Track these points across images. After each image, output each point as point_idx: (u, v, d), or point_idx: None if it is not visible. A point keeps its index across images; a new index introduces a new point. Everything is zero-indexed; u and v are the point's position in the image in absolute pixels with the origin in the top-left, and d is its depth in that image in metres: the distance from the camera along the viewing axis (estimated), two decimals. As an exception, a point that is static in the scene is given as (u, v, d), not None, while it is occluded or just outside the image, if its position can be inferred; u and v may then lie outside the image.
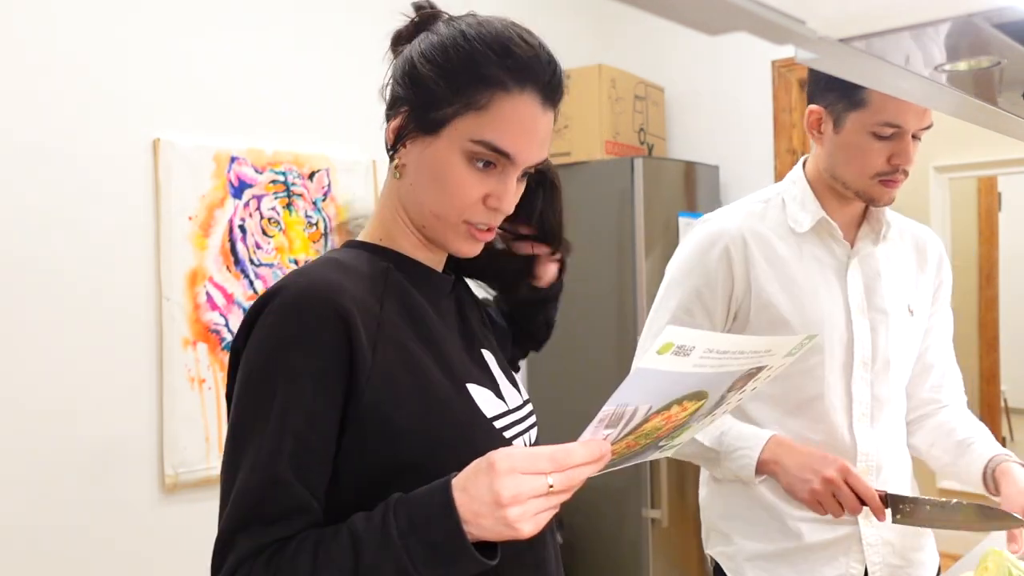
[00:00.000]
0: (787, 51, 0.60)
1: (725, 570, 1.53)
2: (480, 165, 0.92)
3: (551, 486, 0.76)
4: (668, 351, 0.74)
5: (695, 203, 3.26)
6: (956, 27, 0.59)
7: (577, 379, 3.04)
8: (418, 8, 0.99)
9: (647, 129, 3.38)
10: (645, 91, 3.39)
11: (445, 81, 0.91)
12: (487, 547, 0.80)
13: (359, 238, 1.02)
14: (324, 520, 0.87)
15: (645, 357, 0.75)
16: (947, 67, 0.68)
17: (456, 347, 0.99)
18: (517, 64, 0.91)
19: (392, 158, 0.97)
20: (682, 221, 3.15)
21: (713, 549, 1.57)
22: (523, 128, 0.92)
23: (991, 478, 1.44)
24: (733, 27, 0.52)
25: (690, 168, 3.27)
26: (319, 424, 0.86)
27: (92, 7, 2.21)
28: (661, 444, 0.91)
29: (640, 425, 0.82)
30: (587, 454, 0.78)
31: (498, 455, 0.76)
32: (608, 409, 0.77)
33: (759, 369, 0.88)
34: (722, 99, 3.46)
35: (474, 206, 0.93)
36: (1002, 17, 0.58)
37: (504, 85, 0.90)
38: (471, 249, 0.97)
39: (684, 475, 3.06)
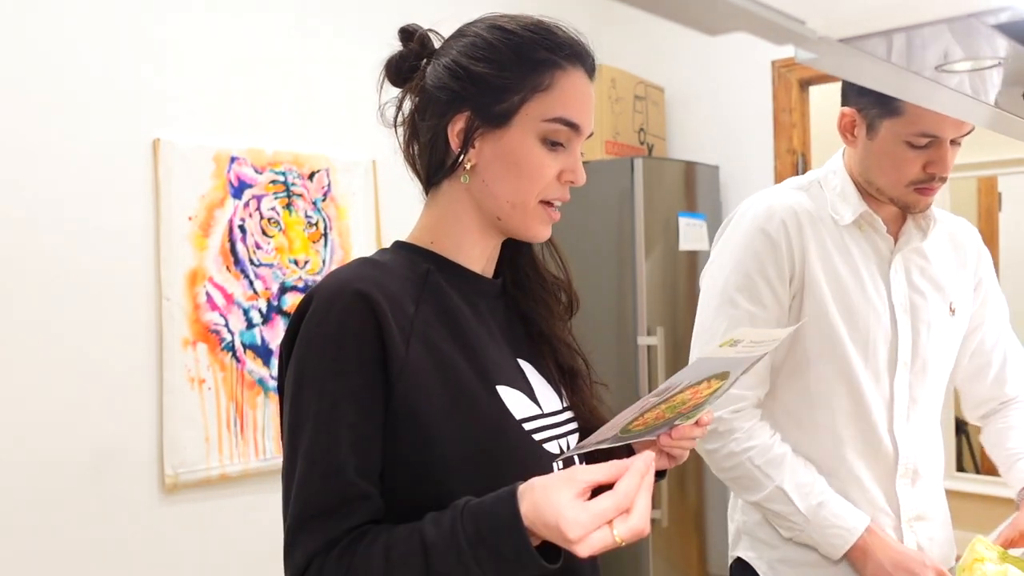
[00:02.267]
0: (787, 51, 0.60)
1: (760, 573, 1.50)
2: (550, 145, 0.97)
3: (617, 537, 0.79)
4: (728, 344, 0.87)
5: (695, 203, 3.26)
6: (956, 27, 0.59)
7: (577, 379, 3.03)
8: (410, 32, 1.03)
9: (647, 129, 3.38)
10: (645, 91, 3.38)
11: (506, 72, 0.96)
12: (550, 550, 0.83)
13: (407, 240, 1.04)
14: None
15: (708, 348, 0.85)
16: (947, 67, 0.68)
17: (493, 349, 1.00)
18: (564, 45, 0.98)
19: (453, 166, 0.99)
20: (682, 221, 3.15)
21: (746, 553, 1.53)
22: (584, 100, 0.99)
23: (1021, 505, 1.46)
24: (733, 27, 0.52)
25: (690, 168, 3.27)
26: (370, 412, 0.89)
27: (92, 7, 2.21)
28: (677, 423, 1.01)
29: (675, 395, 0.91)
30: (639, 485, 0.81)
31: (566, 521, 0.78)
32: (665, 384, 0.89)
33: (763, 355, 0.98)
34: (722, 99, 3.46)
35: (550, 184, 0.98)
36: (1002, 17, 0.58)
37: (559, 64, 0.97)
38: (546, 231, 1.02)
39: (684, 475, 3.06)
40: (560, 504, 0.79)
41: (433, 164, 1.01)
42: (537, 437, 0.98)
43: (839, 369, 1.41)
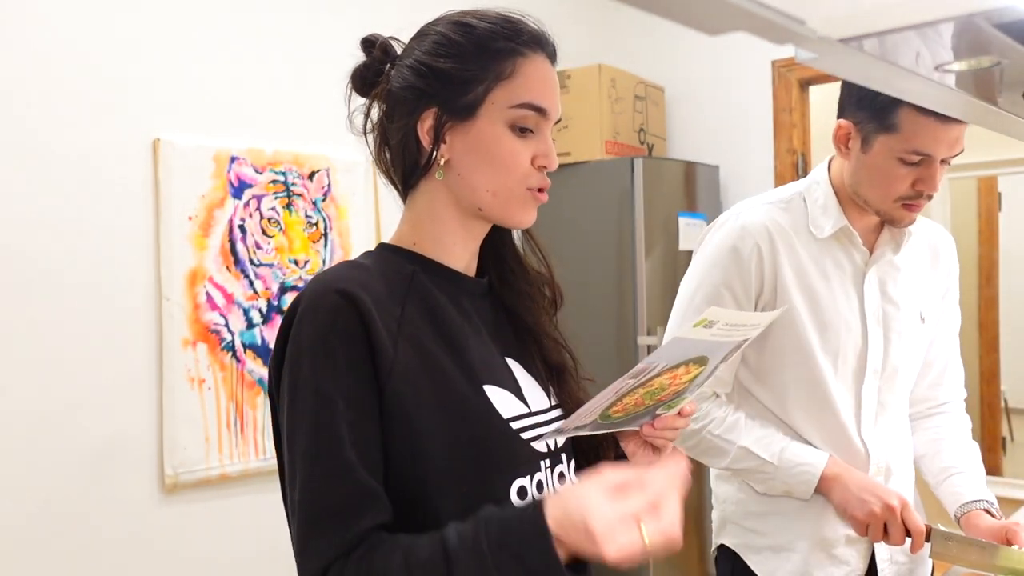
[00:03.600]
0: (787, 51, 0.60)
1: (748, 562, 1.54)
2: (519, 131, 0.97)
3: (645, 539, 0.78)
4: (701, 325, 0.88)
5: (695, 203, 3.26)
6: (956, 27, 0.59)
7: (577, 379, 3.03)
8: (372, 42, 1.05)
9: (647, 129, 3.38)
10: (645, 91, 3.38)
11: (468, 64, 0.97)
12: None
13: (390, 242, 1.05)
14: None
15: (683, 329, 0.88)
16: (947, 67, 0.68)
17: (481, 349, 1.00)
18: (522, 33, 0.99)
19: (427, 164, 0.99)
20: (682, 221, 3.15)
21: (732, 540, 1.58)
22: (548, 84, 0.99)
23: (961, 523, 1.50)
24: (733, 27, 0.52)
25: (690, 168, 3.27)
26: (366, 410, 0.89)
27: (92, 7, 2.21)
28: (659, 412, 1.01)
29: (652, 379, 0.91)
30: (668, 482, 0.83)
31: (593, 515, 0.77)
32: (640, 366, 0.88)
33: (743, 341, 0.99)
34: (722, 99, 3.46)
35: (528, 172, 0.98)
36: (1002, 17, 0.58)
37: (520, 52, 0.98)
38: (531, 217, 1.02)
39: (684, 475, 3.06)
40: (588, 499, 0.77)
41: (407, 165, 1.01)
42: (525, 436, 0.98)
43: (810, 376, 1.47)
